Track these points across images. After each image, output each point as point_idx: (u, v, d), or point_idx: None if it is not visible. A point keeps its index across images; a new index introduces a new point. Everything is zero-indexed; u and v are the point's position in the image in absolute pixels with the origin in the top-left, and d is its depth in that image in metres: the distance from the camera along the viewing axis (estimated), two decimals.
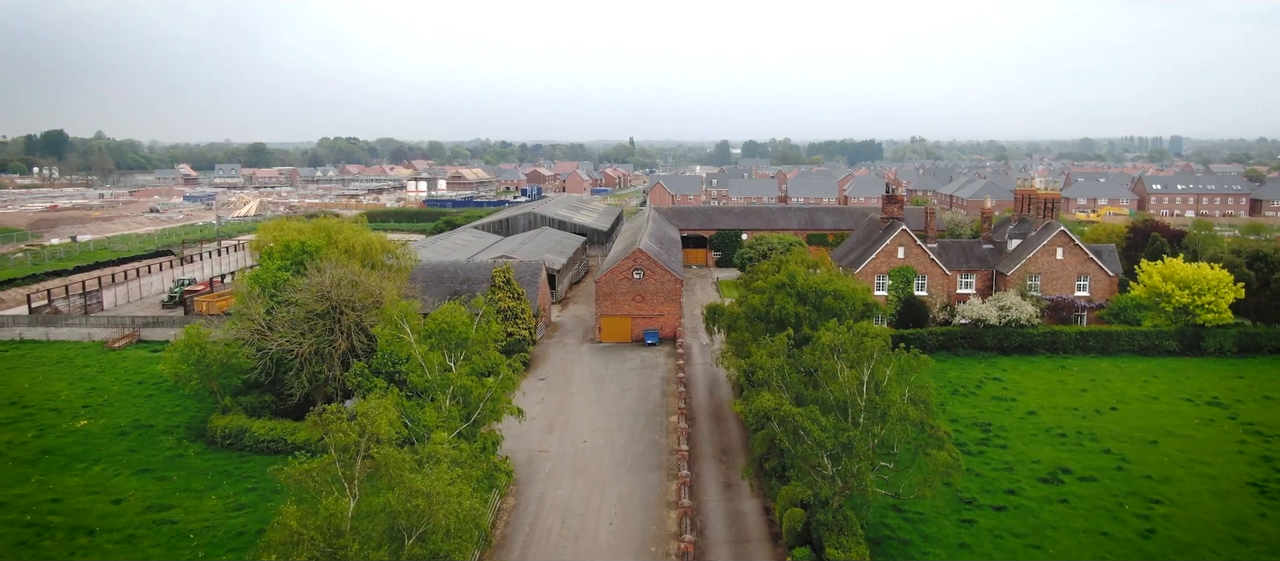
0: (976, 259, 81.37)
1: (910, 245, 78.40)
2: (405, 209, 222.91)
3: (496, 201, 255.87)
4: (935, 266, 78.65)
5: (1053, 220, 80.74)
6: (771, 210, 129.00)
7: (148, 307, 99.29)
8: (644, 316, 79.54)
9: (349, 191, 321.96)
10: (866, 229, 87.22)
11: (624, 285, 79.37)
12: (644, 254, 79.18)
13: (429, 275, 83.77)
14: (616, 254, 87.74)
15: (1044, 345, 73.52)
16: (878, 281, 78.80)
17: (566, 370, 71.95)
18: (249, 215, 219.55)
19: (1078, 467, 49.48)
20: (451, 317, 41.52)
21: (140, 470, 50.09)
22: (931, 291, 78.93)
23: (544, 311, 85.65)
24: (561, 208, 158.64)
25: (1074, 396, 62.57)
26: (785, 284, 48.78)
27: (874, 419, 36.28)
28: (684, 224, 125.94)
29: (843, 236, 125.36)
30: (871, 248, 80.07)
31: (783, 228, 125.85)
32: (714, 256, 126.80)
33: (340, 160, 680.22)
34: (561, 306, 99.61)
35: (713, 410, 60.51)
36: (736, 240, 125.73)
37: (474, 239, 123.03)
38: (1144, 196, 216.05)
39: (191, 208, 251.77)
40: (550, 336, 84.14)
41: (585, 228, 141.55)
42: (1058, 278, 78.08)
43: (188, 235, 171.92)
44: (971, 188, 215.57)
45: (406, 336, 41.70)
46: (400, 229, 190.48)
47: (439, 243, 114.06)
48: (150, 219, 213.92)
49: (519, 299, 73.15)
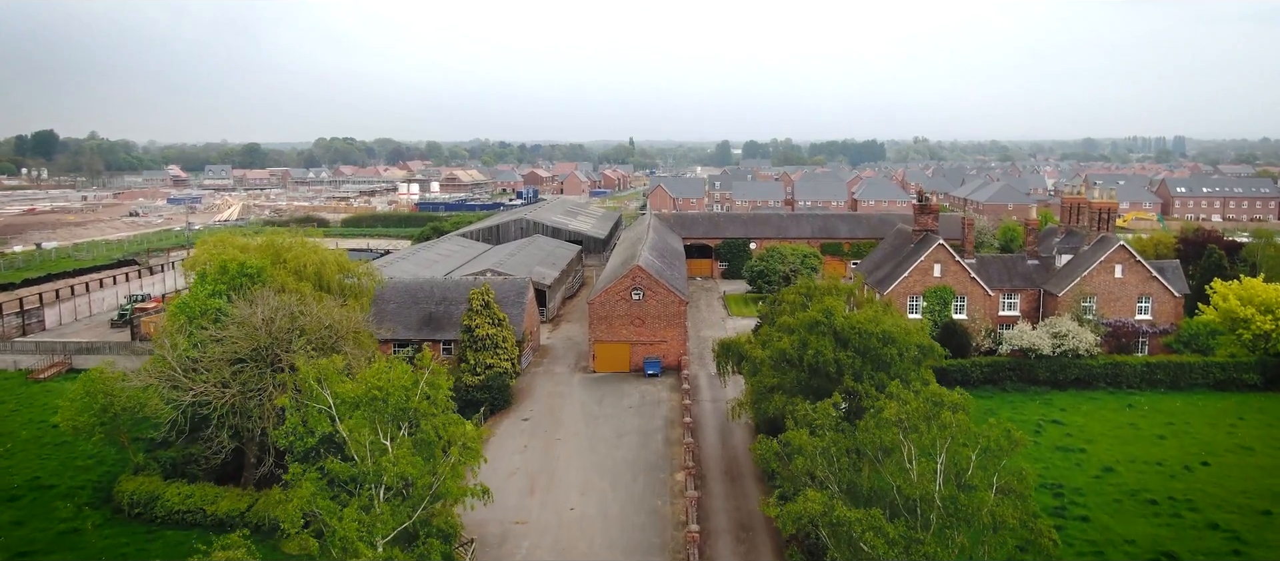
0: (1021, 277, 71.71)
1: (948, 262, 68.76)
2: (395, 212, 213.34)
3: (491, 205, 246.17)
4: (976, 286, 68.98)
5: (1109, 233, 71.09)
6: (782, 218, 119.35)
7: (94, 328, 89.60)
8: (644, 342, 69.87)
9: (340, 193, 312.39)
10: (895, 242, 77.56)
11: (621, 307, 69.70)
12: (643, 271, 69.50)
13: (403, 295, 74.15)
14: (613, 270, 78.07)
15: (1105, 378, 63.88)
16: (910, 303, 69.16)
17: (554, 408, 62.28)
18: (231, 219, 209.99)
19: (1183, 551, 39.82)
20: (387, 379, 31.74)
21: (17, 555, 40.40)
22: (972, 314, 69.25)
23: (531, 335, 76.02)
24: (556, 213, 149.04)
25: (1152, 446, 52.88)
26: (821, 323, 39.10)
27: (954, 522, 26.69)
28: (687, 232, 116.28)
29: (859, 246, 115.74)
30: (903, 264, 70.41)
31: (794, 237, 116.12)
32: (720, 267, 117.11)
33: (336, 161, 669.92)
34: (553, 325, 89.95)
35: (726, 464, 50.80)
36: (744, 250, 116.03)
37: (460, 249, 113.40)
38: (1167, 200, 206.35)
39: (174, 211, 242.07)
40: (538, 364, 74.45)
41: (581, 235, 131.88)
42: (1116, 299, 68.43)
43: (161, 242, 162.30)
44: (987, 191, 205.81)
45: (325, 404, 31.94)
46: (387, 234, 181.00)
47: (421, 253, 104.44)
48: (128, 223, 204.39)
49: (500, 324, 63.49)
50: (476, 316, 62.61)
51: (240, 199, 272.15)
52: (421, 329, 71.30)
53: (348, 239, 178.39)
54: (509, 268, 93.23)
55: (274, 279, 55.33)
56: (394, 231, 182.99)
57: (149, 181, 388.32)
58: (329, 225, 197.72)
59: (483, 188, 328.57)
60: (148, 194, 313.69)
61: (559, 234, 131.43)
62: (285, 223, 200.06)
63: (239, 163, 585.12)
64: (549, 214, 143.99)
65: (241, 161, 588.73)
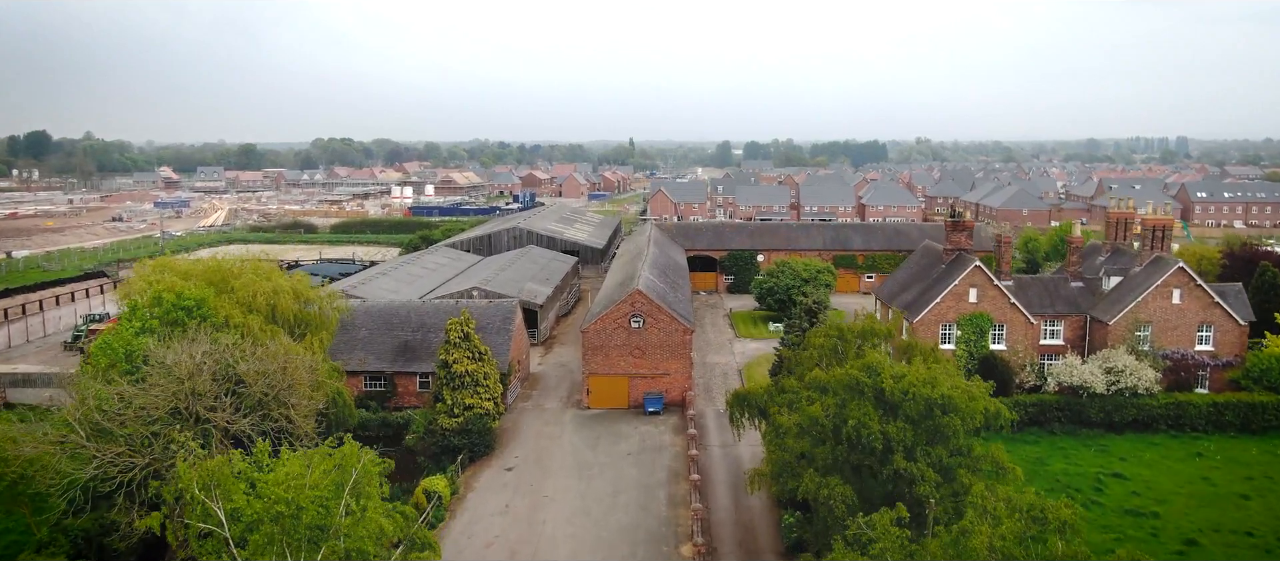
0: (1064, 301, 64.28)
1: (985, 285, 61.30)
2: (386, 218, 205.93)
3: (486, 209, 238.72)
4: (1017, 313, 61.54)
5: (1164, 253, 63.63)
6: (791, 228, 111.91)
7: (46, 352, 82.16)
8: (644, 375, 62.43)
9: (333, 196, 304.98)
10: (923, 260, 70.10)
11: (619, 336, 62.26)
12: (644, 297, 62.06)
13: (377, 321, 66.74)
14: (609, 292, 70.62)
15: (1166, 420, 56.51)
16: (943, 332, 61.70)
17: (543, 454, 54.88)
18: (216, 225, 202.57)
19: None
20: (302, 487, 24.13)
21: None
22: (1012, 345, 61.81)
23: (520, 365, 68.60)
24: (552, 221, 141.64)
25: (1236, 508, 45.49)
26: (862, 383, 31.69)
27: None
28: (691, 244, 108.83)
29: (874, 258, 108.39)
30: (934, 287, 62.98)
31: (804, 248, 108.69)
32: (726, 280, 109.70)
33: (334, 161, 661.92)
34: (544, 349, 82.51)
35: (741, 534, 43.34)
36: (751, 262, 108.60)
37: (448, 262, 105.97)
38: (1187, 206, 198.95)
39: (160, 216, 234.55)
40: (527, 396, 67.01)
41: (578, 245, 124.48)
42: (1173, 328, 60.99)
43: (139, 250, 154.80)
44: (999, 196, 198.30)
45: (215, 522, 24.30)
46: (377, 241, 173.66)
47: (405, 267, 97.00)
48: (109, 229, 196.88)
49: (481, 359, 56.05)
50: (454, 350, 55.17)
51: (227, 203, 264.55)
52: (396, 360, 63.91)
53: (336, 246, 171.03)
54: (498, 284, 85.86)
55: (218, 311, 48.00)
56: (384, 238, 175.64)
57: (140, 183, 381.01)
58: (317, 231, 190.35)
59: (479, 190, 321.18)
60: (136, 197, 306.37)
61: (554, 244, 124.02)
62: (273, 228, 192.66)
63: (234, 164, 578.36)
64: (544, 222, 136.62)
65: (237, 162, 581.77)
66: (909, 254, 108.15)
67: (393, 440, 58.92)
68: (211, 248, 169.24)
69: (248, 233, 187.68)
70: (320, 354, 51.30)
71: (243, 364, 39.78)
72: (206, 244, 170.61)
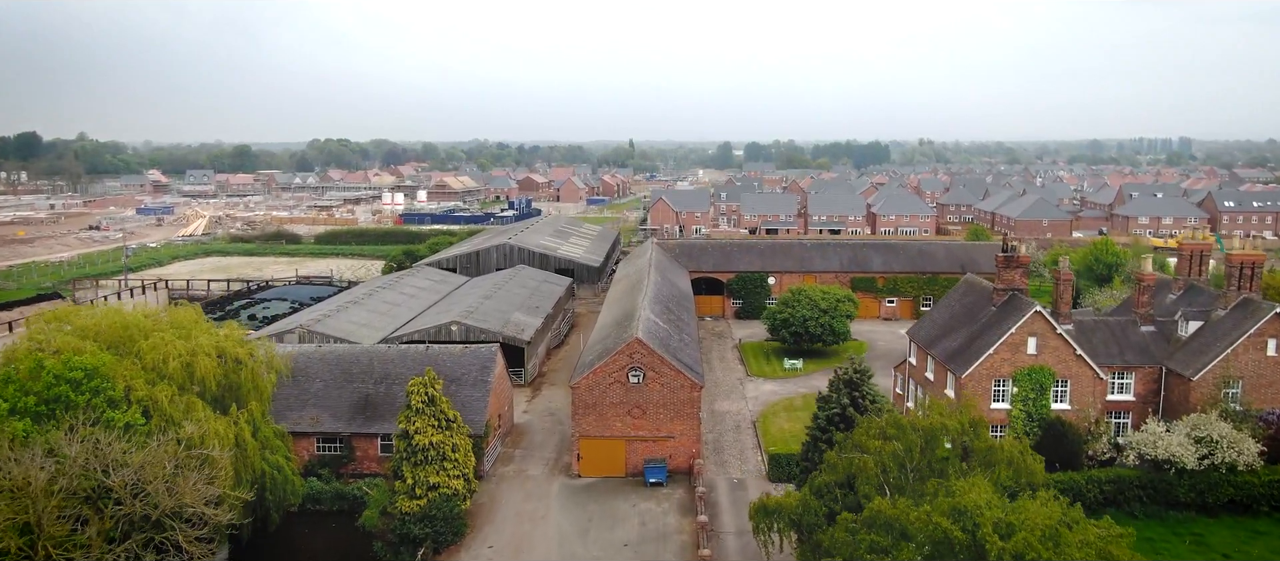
0: (1135, 349, 55.04)
1: (1046, 334, 52.01)
2: (373, 228, 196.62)
3: (480, 217, 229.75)
4: (1083, 367, 52.27)
5: (1254, 294, 54.40)
6: (804, 248, 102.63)
7: None
8: (644, 438, 53.21)
9: (323, 201, 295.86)
10: (966, 299, 60.74)
11: (615, 391, 53.04)
12: (644, 346, 52.82)
13: (334, 370, 57.46)
14: (605, 336, 61.27)
15: (1270, 501, 47.33)
16: (996, 388, 52.44)
17: (521, 543, 45.65)
18: (196, 234, 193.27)
19: None
20: None
21: None
22: (1077, 403, 52.55)
23: (501, 420, 59.35)
24: (545, 235, 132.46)
25: None
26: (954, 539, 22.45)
27: None
28: (695, 265, 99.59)
29: (896, 281, 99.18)
30: (985, 335, 53.70)
31: (819, 270, 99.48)
32: (733, 305, 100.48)
33: (330, 163, 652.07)
34: (532, 391, 73.26)
35: None
36: (761, 285, 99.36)
37: (430, 285, 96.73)
38: (1214, 215, 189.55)
39: (141, 223, 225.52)
40: (508, 458, 57.77)
41: (572, 263, 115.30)
42: (1269, 384, 51.77)
43: (108, 264, 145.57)
44: (1017, 205, 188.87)
45: None
46: (362, 253, 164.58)
47: (381, 294, 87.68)
48: (83, 239, 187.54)
49: (450, 427, 46.82)
50: (417, 417, 45.93)
51: (214, 207, 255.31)
52: (354, 418, 54.65)
53: (318, 259, 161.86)
54: (481, 316, 76.69)
55: (117, 382, 38.75)
56: (369, 250, 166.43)
57: (127, 187, 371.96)
58: (301, 241, 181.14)
59: (474, 195, 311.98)
60: (120, 202, 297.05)
61: (547, 262, 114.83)
62: (254, 238, 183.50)
63: (227, 166, 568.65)
64: (536, 237, 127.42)
65: (231, 164, 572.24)
66: (933, 277, 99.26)
67: (349, 514, 49.85)
68: (187, 260, 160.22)
69: (228, 243, 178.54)
70: (250, 429, 42.11)
71: (116, 474, 30.51)
72: (182, 256, 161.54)
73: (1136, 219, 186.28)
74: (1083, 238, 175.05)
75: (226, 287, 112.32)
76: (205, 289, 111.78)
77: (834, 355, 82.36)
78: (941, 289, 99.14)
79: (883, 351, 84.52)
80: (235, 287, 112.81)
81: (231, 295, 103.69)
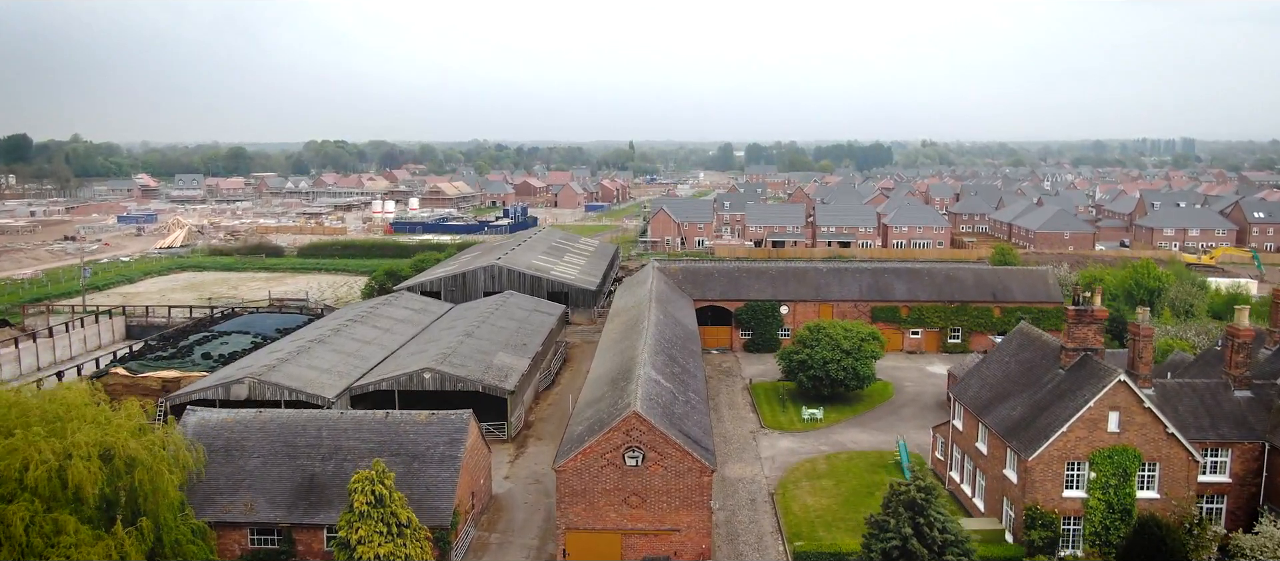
0: (1230, 421, 46.07)
1: (1131, 407, 42.99)
2: (359, 240, 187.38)
3: (473, 226, 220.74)
4: (1175, 447, 43.25)
5: None
6: (819, 273, 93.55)
7: None
8: (644, 532, 44.21)
9: (314, 207, 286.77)
10: (1022, 354, 51.66)
11: (608, 476, 44.03)
12: (644, 422, 43.79)
13: (274, 442, 48.38)
14: (596, 400, 52.06)
15: None
16: (1069, 473, 43.42)
17: None
18: (175, 246, 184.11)
19: None
20: None
21: None
22: (1167, 491, 43.51)
23: (474, 499, 50.28)
24: (538, 252, 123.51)
25: None
26: None
27: None
28: (700, 293, 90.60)
29: (921, 311, 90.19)
30: (1053, 406, 44.69)
31: (836, 297, 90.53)
32: (742, 336, 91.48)
33: (326, 165, 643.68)
34: (516, 449, 64.23)
35: None
36: (772, 315, 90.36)
37: (407, 316, 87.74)
38: (1243, 226, 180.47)
39: (120, 233, 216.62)
40: (482, 547, 48.69)
41: (566, 286, 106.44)
42: None
43: (72, 282, 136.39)
44: (1035, 217, 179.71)
45: None
46: (346, 268, 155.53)
47: (350, 330, 78.59)
48: (54, 253, 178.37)
49: (402, 532, 37.83)
50: (361, 523, 36.94)
51: (195, 216, 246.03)
52: (296, 504, 45.61)
53: (299, 274, 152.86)
54: (461, 358, 67.76)
55: None
56: (354, 264, 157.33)
57: (115, 191, 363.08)
58: (284, 254, 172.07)
59: (469, 201, 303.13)
60: (103, 209, 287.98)
61: (538, 285, 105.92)
62: (235, 251, 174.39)
63: (221, 169, 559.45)
64: (528, 255, 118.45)
65: (226, 167, 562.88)
66: (962, 306, 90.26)
67: None
68: (160, 276, 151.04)
69: (206, 256, 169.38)
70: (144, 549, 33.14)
71: None
72: (155, 271, 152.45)
73: (1161, 231, 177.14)
74: (1106, 252, 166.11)
75: (189, 315, 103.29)
76: (166, 316, 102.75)
77: (858, 400, 73.40)
78: (971, 319, 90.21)
79: (911, 396, 75.52)
80: (199, 314, 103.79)
81: (191, 325, 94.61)
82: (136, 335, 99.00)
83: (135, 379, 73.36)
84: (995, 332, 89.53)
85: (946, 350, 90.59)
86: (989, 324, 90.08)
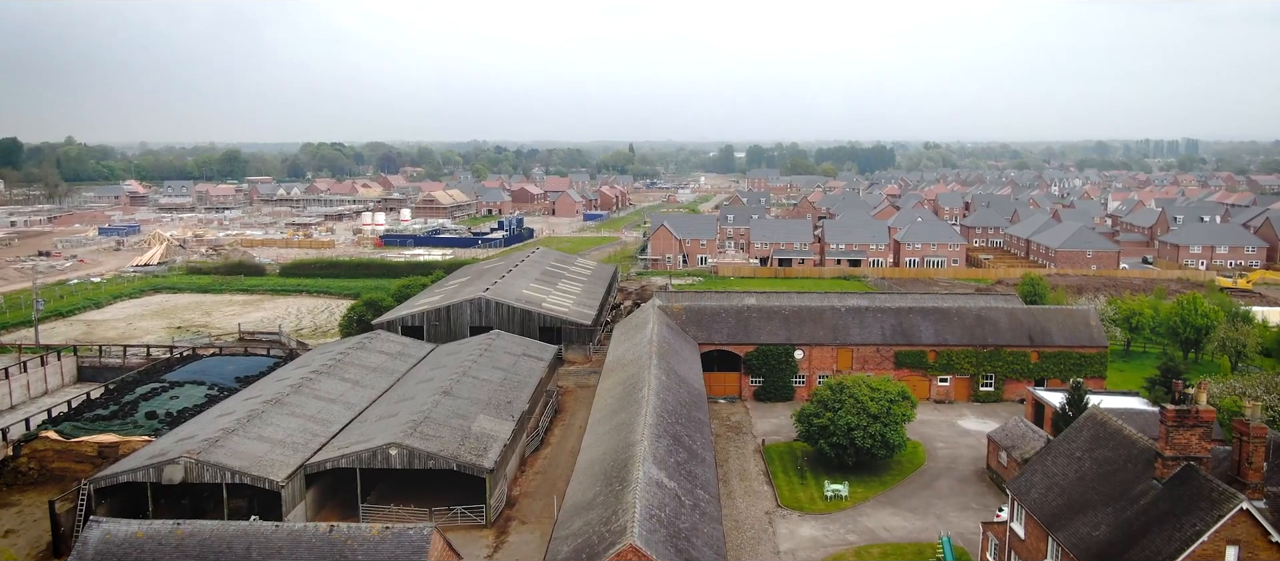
0: None
1: (1255, 542, 34.42)
2: (344, 259, 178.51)
3: (466, 239, 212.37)
4: None
5: None
6: (837, 313, 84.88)
7: None
8: None
9: (303, 217, 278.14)
10: (1098, 453, 42.95)
11: None
12: (642, 558, 35.15)
13: None
14: (585, 505, 43.35)
15: None
16: None
17: None
18: (152, 263, 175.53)
19: None
20: None
21: None
22: None
23: None
24: (531, 278, 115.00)
25: None
26: None
27: None
28: (706, 335, 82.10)
29: (950, 356, 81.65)
30: (1149, 533, 36.11)
31: (857, 340, 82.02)
32: (751, 383, 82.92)
33: (323, 167, 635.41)
34: (496, 537, 55.58)
35: None
36: (785, 361, 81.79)
37: (381, 364, 79.18)
38: (1274, 242, 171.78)
39: (97, 248, 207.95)
40: None
41: (560, 322, 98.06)
42: None
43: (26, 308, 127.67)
44: (1054, 233, 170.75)
45: None
46: (329, 290, 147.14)
47: (312, 387, 69.95)
48: (25, 271, 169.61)
49: None
50: None
51: (178, 227, 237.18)
52: None
53: (281, 296, 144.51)
54: (434, 424, 59.35)
55: None
56: (338, 285, 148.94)
57: (102, 198, 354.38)
58: (265, 273, 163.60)
59: (463, 210, 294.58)
60: (88, 217, 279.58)
61: (529, 321, 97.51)
62: (214, 270, 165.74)
63: (216, 173, 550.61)
64: (520, 283, 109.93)
65: (220, 170, 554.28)
66: (996, 351, 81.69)
67: None
68: (131, 299, 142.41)
69: (182, 276, 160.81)
70: None
71: None
72: (126, 294, 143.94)
73: (1188, 248, 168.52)
74: (1131, 272, 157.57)
75: (146, 355, 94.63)
76: (122, 356, 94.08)
77: (888, 470, 64.84)
78: (1006, 365, 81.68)
79: (946, 463, 66.94)
80: (158, 353, 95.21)
81: (146, 368, 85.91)
82: (89, 377, 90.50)
83: (68, 444, 65.01)
84: (1032, 380, 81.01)
85: (978, 399, 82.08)
86: (1025, 370, 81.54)
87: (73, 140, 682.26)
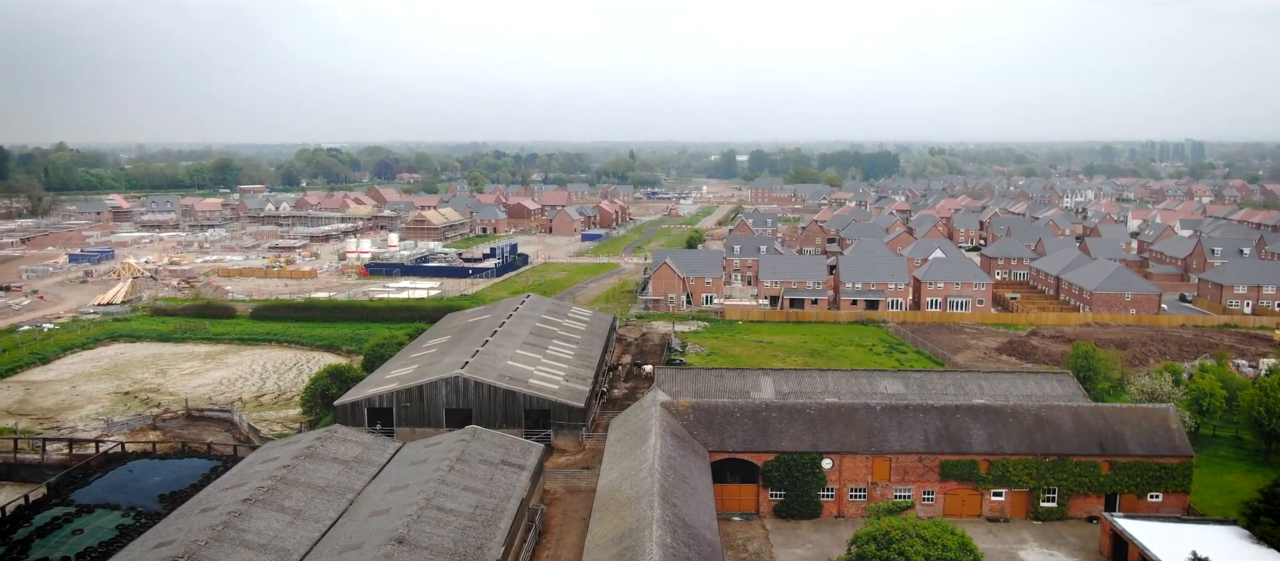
0: None
1: None
2: (320, 301, 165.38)
3: (457, 269, 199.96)
4: None
5: None
6: (873, 413, 72.20)
7: None
8: None
9: (288, 239, 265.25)
10: None
11: None
12: None
13: None
14: None
15: None
16: None
17: None
18: (115, 302, 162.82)
19: None
20: None
21: None
22: None
23: None
24: (519, 341, 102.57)
25: None
26: None
27: None
28: (718, 441, 69.62)
29: (1006, 468, 69.08)
30: None
31: (896, 448, 69.50)
32: (772, 499, 70.40)
33: (318, 174, 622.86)
34: None
35: None
36: (811, 471, 69.26)
37: (333, 480, 66.61)
38: None
39: (65, 278, 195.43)
40: None
41: (547, 403, 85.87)
42: None
43: None
44: (1090, 274, 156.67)
45: None
46: (300, 339, 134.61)
47: (238, 528, 57.40)
48: None
49: None
50: None
51: (151, 251, 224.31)
52: None
53: (249, 346, 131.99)
54: None
55: None
56: (311, 334, 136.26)
57: (83, 215, 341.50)
58: (236, 315, 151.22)
59: (456, 230, 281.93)
60: (63, 239, 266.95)
61: (514, 403, 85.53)
62: (181, 311, 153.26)
63: (209, 179, 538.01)
64: (506, 350, 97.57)
65: (212, 178, 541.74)
66: (1061, 461, 68.97)
67: None
68: (83, 350, 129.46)
69: (144, 321, 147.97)
70: None
71: None
72: (80, 343, 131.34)
73: (1233, 288, 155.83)
74: (1175, 318, 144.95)
75: (69, 450, 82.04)
76: (40, 450, 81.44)
77: None
78: (1072, 478, 69.17)
79: None
80: (86, 446, 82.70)
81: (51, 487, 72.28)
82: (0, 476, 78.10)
83: None
84: (1102, 495, 68.66)
85: (1038, 516, 69.53)
86: (1095, 484, 69.03)
87: (64, 146, 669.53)
